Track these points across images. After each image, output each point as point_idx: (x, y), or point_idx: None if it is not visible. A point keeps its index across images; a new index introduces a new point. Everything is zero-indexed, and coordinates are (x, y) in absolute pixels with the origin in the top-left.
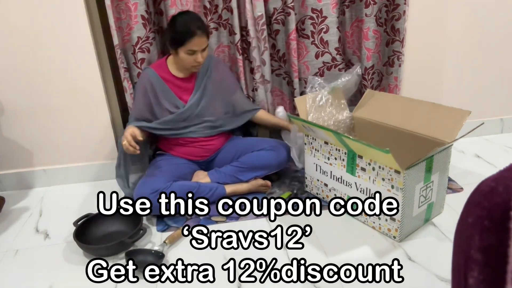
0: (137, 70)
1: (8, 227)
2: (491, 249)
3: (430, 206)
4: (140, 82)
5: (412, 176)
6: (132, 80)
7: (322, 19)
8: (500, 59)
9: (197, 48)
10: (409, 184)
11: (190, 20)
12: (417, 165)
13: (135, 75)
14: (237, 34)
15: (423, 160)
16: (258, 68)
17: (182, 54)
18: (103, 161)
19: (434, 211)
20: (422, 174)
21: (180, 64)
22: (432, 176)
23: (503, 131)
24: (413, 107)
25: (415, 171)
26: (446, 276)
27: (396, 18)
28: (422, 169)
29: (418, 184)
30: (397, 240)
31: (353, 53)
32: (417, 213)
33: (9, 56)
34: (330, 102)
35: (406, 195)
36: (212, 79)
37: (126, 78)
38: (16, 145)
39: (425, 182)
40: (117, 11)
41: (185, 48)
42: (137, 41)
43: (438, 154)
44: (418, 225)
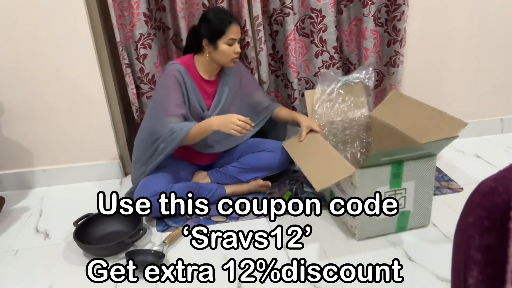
0: (139, 65)
1: (8, 227)
2: (491, 249)
3: (404, 214)
4: (170, 76)
5: (370, 177)
6: (134, 75)
7: (321, 18)
8: (500, 59)
9: (236, 36)
10: (366, 184)
11: (223, 10)
12: (376, 166)
13: (138, 70)
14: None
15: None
16: (255, 68)
17: (223, 46)
18: (103, 161)
19: (413, 222)
20: (387, 177)
21: (218, 61)
22: (403, 183)
23: (503, 131)
24: (418, 112)
25: (375, 173)
26: (446, 276)
27: (397, 19)
28: (387, 173)
29: (381, 187)
30: (356, 238)
31: (351, 52)
32: (384, 218)
33: (9, 57)
34: (342, 98)
35: (362, 195)
36: (236, 82)
37: (127, 73)
38: (16, 145)
39: (393, 187)
40: (119, 9)
41: (225, 37)
42: (139, 37)
43: (412, 162)
44: (387, 230)
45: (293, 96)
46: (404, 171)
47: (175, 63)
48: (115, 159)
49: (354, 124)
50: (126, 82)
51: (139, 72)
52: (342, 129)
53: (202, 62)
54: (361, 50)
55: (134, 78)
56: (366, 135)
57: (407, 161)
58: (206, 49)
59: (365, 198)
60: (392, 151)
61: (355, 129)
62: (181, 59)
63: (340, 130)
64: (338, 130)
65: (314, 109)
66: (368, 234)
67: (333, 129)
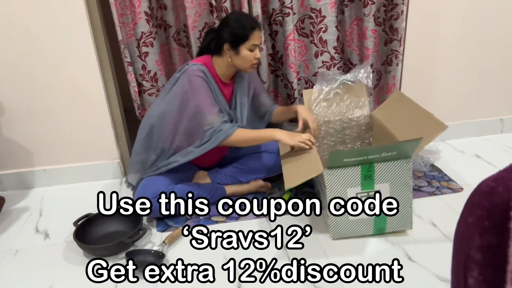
0: (141, 62)
1: (8, 227)
2: (491, 249)
3: (382, 217)
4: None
5: (338, 177)
6: (136, 73)
7: (321, 18)
8: (500, 59)
9: (258, 42)
10: (334, 184)
11: (247, 15)
12: (345, 167)
13: (139, 67)
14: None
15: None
16: None
17: (244, 52)
18: (103, 161)
19: (392, 224)
20: (358, 179)
21: (238, 66)
22: (375, 185)
23: (503, 131)
24: (410, 114)
25: (344, 174)
26: (446, 276)
27: (394, 18)
28: (357, 173)
29: (351, 188)
30: (332, 237)
31: (352, 52)
32: (357, 219)
33: (9, 57)
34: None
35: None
36: (244, 86)
37: (129, 72)
38: (16, 145)
39: (364, 188)
40: (121, 8)
41: (248, 43)
42: (141, 36)
43: (384, 164)
44: (363, 231)
45: (293, 96)
46: (376, 173)
47: (196, 64)
48: (115, 159)
49: (354, 124)
50: (128, 80)
51: (141, 69)
52: (341, 129)
53: (221, 66)
54: (362, 50)
55: (136, 76)
56: (367, 136)
57: (378, 163)
58: (227, 53)
59: (365, 198)
60: (354, 152)
61: (355, 129)
62: (199, 60)
63: (338, 130)
64: (335, 130)
65: (311, 108)
66: (342, 234)
67: (330, 128)
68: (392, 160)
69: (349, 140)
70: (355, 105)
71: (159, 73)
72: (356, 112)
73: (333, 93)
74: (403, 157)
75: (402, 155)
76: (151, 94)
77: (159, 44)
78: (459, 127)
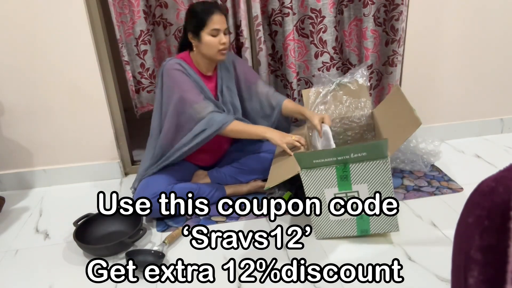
0: (139, 60)
1: (8, 227)
2: (491, 249)
3: (364, 218)
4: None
5: (315, 178)
6: (134, 72)
7: (321, 18)
8: (500, 59)
9: (219, 26)
10: (312, 184)
11: (206, 2)
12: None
13: (138, 65)
14: (232, 34)
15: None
16: None
17: (206, 38)
18: (103, 161)
19: (376, 227)
20: (334, 179)
21: (206, 54)
22: (353, 186)
23: (503, 131)
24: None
25: (320, 174)
26: (446, 276)
27: (395, 18)
28: (333, 174)
29: (328, 188)
30: (316, 237)
31: (351, 52)
32: (339, 220)
33: (9, 57)
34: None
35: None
36: (232, 74)
37: (127, 70)
38: (16, 145)
39: (342, 189)
40: (119, 7)
41: (207, 28)
42: (139, 34)
43: (359, 164)
44: (347, 232)
45: (292, 96)
46: (352, 174)
47: (172, 58)
48: (115, 159)
49: (355, 125)
50: (126, 78)
51: (139, 67)
52: (343, 130)
53: (197, 58)
54: (362, 50)
55: (135, 73)
56: (369, 136)
57: (353, 163)
58: (193, 44)
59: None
60: (323, 152)
61: (357, 129)
62: (178, 55)
63: (339, 132)
64: (336, 133)
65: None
66: (325, 235)
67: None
68: (367, 160)
69: (351, 141)
70: (355, 106)
71: (156, 70)
72: (356, 113)
73: (330, 95)
74: (378, 157)
75: (377, 155)
76: (150, 91)
77: (156, 41)
78: (459, 127)
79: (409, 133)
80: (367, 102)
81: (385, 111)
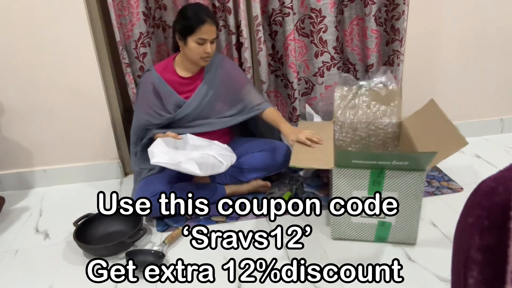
0: (139, 64)
1: (8, 227)
2: (491, 249)
3: (385, 225)
4: (143, 84)
5: (346, 178)
6: (134, 74)
7: (321, 18)
8: (500, 59)
9: (206, 36)
10: (341, 184)
11: (200, 8)
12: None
13: (137, 68)
14: (234, 35)
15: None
16: (248, 69)
17: (191, 44)
18: (103, 161)
19: (395, 236)
20: (366, 183)
21: (189, 58)
22: (384, 192)
23: (503, 131)
24: (436, 126)
25: (352, 175)
26: (446, 276)
27: (396, 18)
28: (366, 177)
29: (358, 191)
30: (331, 237)
31: (351, 52)
32: (360, 222)
33: (9, 57)
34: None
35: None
36: (218, 77)
37: (127, 73)
38: (16, 145)
39: (371, 193)
40: (118, 8)
41: (194, 36)
42: (139, 36)
43: (395, 173)
44: (364, 237)
45: (293, 96)
46: (385, 180)
47: (149, 70)
48: (115, 159)
49: (380, 132)
50: (126, 81)
51: (139, 70)
52: (367, 136)
53: (182, 59)
54: (364, 49)
55: (134, 77)
56: (392, 144)
57: (389, 170)
58: (179, 44)
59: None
60: (364, 154)
61: (381, 136)
62: (161, 62)
63: (363, 137)
64: (361, 137)
65: (336, 115)
66: (342, 235)
67: (356, 136)
68: (405, 170)
69: (373, 147)
70: (383, 112)
71: None
72: (384, 119)
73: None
74: (417, 168)
75: (416, 167)
76: None
77: (156, 44)
78: (459, 127)
79: (452, 151)
80: (396, 110)
81: (418, 123)
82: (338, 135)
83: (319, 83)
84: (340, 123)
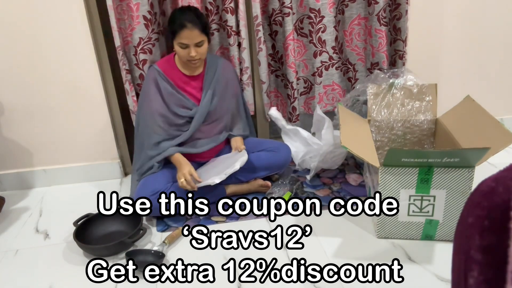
0: (138, 71)
1: (8, 227)
2: (491, 249)
3: (432, 223)
4: (148, 81)
5: (394, 176)
6: (134, 82)
7: (320, 18)
8: (500, 59)
9: (187, 41)
10: (389, 182)
11: (183, 13)
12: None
13: (137, 76)
14: (232, 35)
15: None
16: (246, 69)
17: (176, 47)
18: (103, 161)
19: (442, 233)
20: (414, 180)
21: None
22: (431, 190)
23: None
24: (479, 122)
25: (400, 173)
26: (446, 276)
27: (397, 18)
28: (414, 175)
29: (405, 189)
30: (376, 236)
31: (351, 52)
32: (407, 221)
33: (10, 58)
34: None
35: (384, 193)
36: (219, 80)
37: (128, 80)
38: (16, 145)
39: (419, 192)
40: (118, 12)
41: (176, 40)
42: (138, 42)
43: (443, 170)
44: (411, 235)
45: (293, 96)
46: (434, 178)
47: (152, 66)
48: (115, 159)
49: (416, 129)
50: (126, 89)
51: (138, 78)
52: (402, 134)
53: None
54: (368, 48)
55: (134, 85)
56: (428, 141)
57: (438, 168)
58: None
59: (365, 198)
60: (414, 152)
61: (417, 134)
62: (163, 57)
63: (399, 136)
64: (397, 136)
65: (371, 115)
66: (388, 235)
67: (393, 135)
68: (454, 167)
69: (409, 144)
70: (418, 109)
71: None
72: (419, 116)
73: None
74: (466, 165)
75: (465, 163)
76: None
77: (160, 52)
78: None
79: (501, 147)
80: (430, 106)
81: (456, 120)
82: (375, 135)
83: (318, 83)
84: (377, 123)
